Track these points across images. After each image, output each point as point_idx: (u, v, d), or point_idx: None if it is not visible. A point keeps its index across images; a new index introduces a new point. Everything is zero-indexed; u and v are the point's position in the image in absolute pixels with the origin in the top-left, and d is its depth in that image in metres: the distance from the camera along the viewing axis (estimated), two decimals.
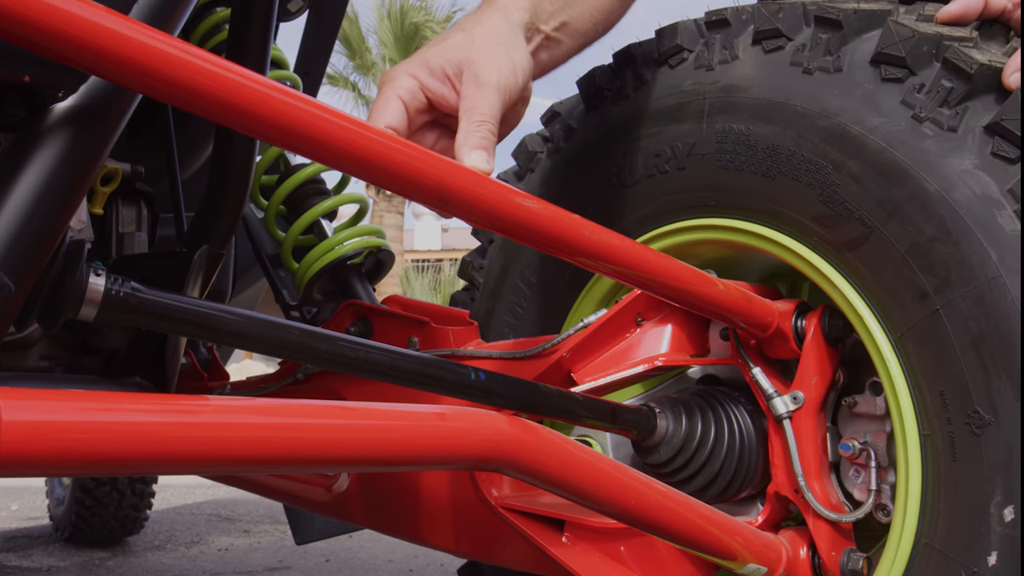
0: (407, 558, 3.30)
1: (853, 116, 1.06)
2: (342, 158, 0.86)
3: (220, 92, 0.75)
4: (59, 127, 0.77)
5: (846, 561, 1.10)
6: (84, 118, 0.78)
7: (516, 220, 0.95)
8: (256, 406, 0.71)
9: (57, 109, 0.77)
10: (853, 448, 1.10)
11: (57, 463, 0.56)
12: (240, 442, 0.65)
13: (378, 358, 0.96)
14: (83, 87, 0.78)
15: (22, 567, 3.22)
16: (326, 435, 0.73)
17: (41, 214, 0.75)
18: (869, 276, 1.05)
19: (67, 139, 0.77)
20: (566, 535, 1.27)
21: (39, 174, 0.75)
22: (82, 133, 0.78)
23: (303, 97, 0.81)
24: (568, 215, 1.01)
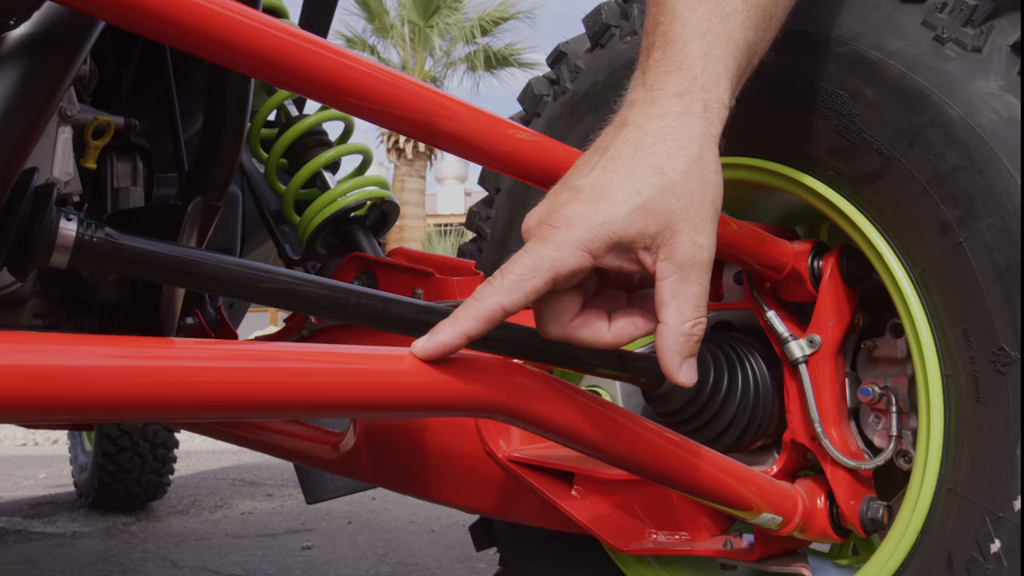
0: (429, 519, 3.29)
1: (871, 40, 1.00)
2: (317, 87, 0.81)
3: (183, 14, 0.70)
4: (11, 57, 0.72)
5: (865, 510, 1.05)
6: (39, 47, 0.73)
7: (507, 152, 0.90)
8: (229, 349, 0.67)
9: (9, 38, 0.73)
10: (873, 393, 1.05)
11: None
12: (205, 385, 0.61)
13: (369, 304, 0.92)
14: (37, 14, 0.74)
15: (46, 533, 3.24)
16: (309, 379, 0.70)
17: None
18: (888, 210, 0.99)
19: (20, 69, 0.72)
20: (576, 488, 1.23)
21: None
22: (37, 63, 0.74)
23: (274, 22, 0.76)
24: (563, 146, 0.96)
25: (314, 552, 2.85)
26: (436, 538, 3.01)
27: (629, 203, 0.70)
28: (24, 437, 6.61)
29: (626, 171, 0.72)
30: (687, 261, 0.71)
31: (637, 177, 0.71)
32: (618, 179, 0.72)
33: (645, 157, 0.72)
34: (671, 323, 0.72)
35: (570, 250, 0.70)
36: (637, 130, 0.74)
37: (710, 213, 0.74)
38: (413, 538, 3.02)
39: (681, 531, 1.18)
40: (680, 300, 0.71)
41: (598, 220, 0.70)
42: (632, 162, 0.72)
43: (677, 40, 0.77)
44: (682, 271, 0.71)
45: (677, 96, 0.75)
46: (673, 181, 0.72)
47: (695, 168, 0.73)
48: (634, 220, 0.70)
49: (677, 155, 0.73)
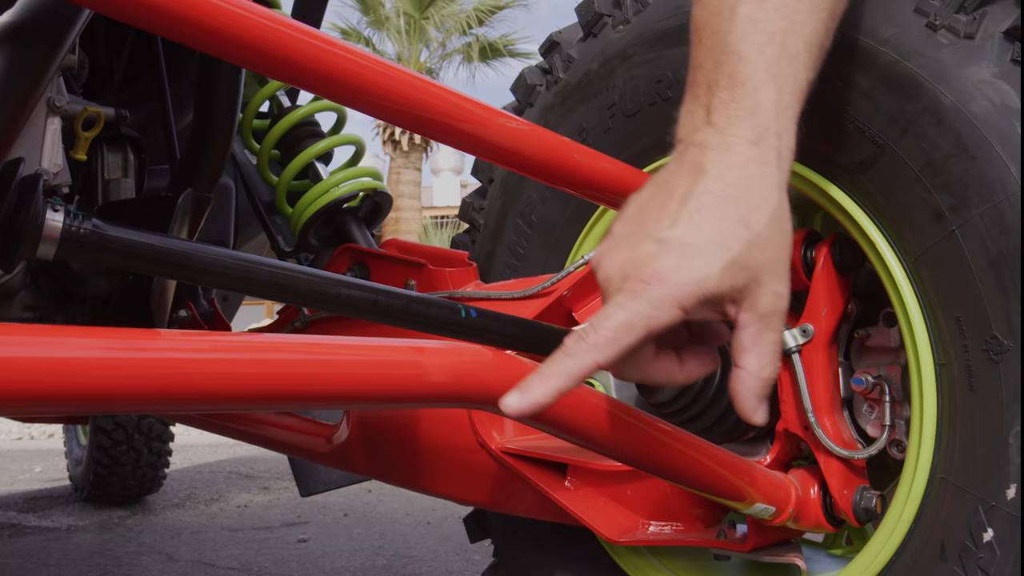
0: (425, 511, 3.29)
1: (863, 28, 0.99)
2: (310, 77, 0.81)
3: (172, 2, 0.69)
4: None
5: (859, 499, 1.05)
6: (22, 35, 0.73)
7: (499, 142, 0.89)
8: (214, 341, 0.66)
9: None
10: (866, 382, 1.04)
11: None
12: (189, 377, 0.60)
13: (360, 295, 0.91)
14: (20, 1, 0.73)
15: (41, 527, 3.23)
16: (298, 371, 0.69)
17: None
18: (881, 198, 0.99)
19: (6, 57, 0.72)
20: (569, 479, 1.23)
21: None
22: (20, 51, 0.73)
23: (265, 11, 0.76)
24: (557, 137, 0.95)
25: (310, 545, 2.85)
26: (432, 530, 3.01)
27: (721, 259, 0.70)
28: (20, 431, 6.60)
29: (714, 225, 0.71)
30: (769, 311, 0.72)
31: (726, 232, 0.71)
32: (708, 233, 0.71)
33: (731, 210, 0.72)
34: (751, 369, 0.72)
35: (665, 308, 0.69)
36: (718, 180, 0.73)
37: (788, 262, 0.74)
38: (409, 530, 3.02)
39: (675, 522, 1.18)
40: (761, 348, 0.72)
41: (692, 277, 0.70)
42: (719, 215, 0.71)
43: (747, 84, 0.76)
44: (764, 320, 0.72)
45: (752, 144, 0.74)
46: (759, 235, 0.71)
47: (776, 219, 0.73)
48: (725, 277, 0.70)
49: (760, 208, 0.72)
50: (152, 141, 1.70)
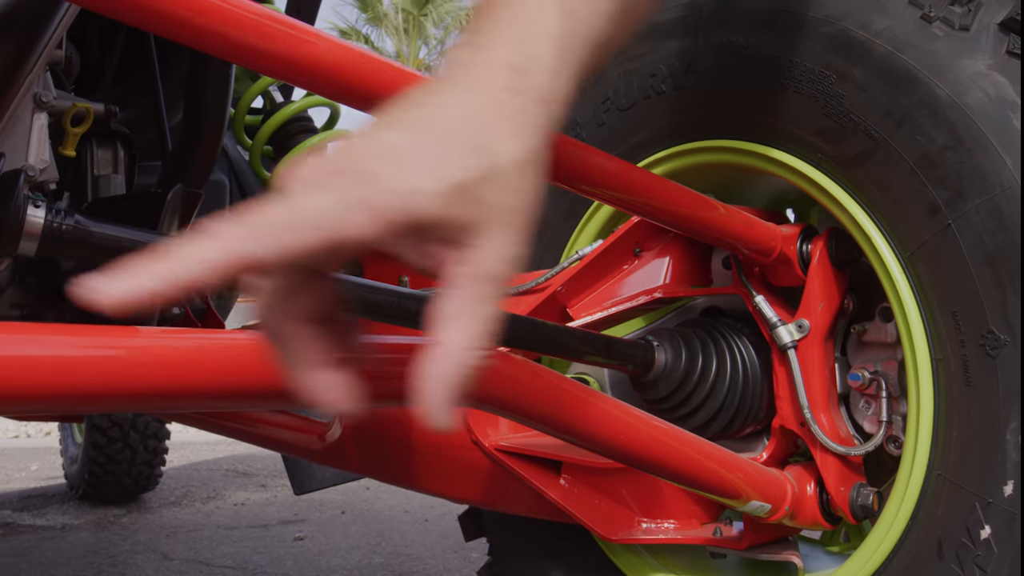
0: (423, 508, 3.28)
1: (858, 20, 0.98)
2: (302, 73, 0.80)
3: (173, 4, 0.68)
4: None
5: (856, 496, 1.04)
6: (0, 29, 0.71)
7: None
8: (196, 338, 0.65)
9: None
10: (863, 378, 1.04)
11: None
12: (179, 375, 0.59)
13: (350, 292, 0.90)
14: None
15: (36, 526, 3.22)
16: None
17: None
18: (876, 192, 0.98)
19: None
20: (564, 476, 1.22)
21: None
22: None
23: (256, 7, 0.75)
24: (558, 135, 0.94)
25: (306, 543, 2.84)
26: (430, 528, 3.00)
27: (445, 178, 0.54)
28: (16, 429, 6.59)
29: (449, 141, 0.56)
30: (492, 273, 0.55)
31: (461, 152, 0.56)
32: (437, 146, 0.56)
33: (472, 132, 0.57)
34: (452, 347, 0.54)
35: (362, 213, 0.52)
36: (466, 96, 0.59)
37: (525, 220, 0.58)
38: (406, 528, 3.01)
39: (670, 519, 1.17)
40: (471, 321, 0.55)
41: (406, 185, 0.54)
42: (457, 133, 0.57)
43: (528, 6, 0.64)
44: (483, 283, 0.55)
45: (516, 71, 0.61)
46: (499, 170, 0.56)
47: (525, 164, 0.58)
48: (447, 200, 0.54)
49: (508, 142, 0.58)
50: (145, 137, 1.69)
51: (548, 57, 0.62)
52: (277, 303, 0.56)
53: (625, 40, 0.73)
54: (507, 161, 0.57)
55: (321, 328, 0.57)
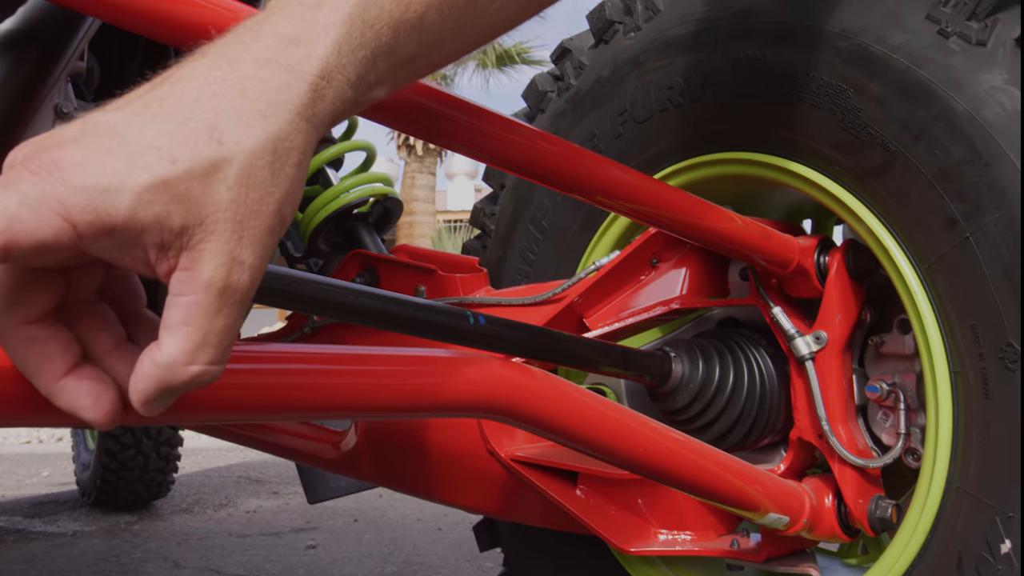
0: (436, 517, 3.28)
1: (874, 35, 0.99)
2: None
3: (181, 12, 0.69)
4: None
5: (874, 508, 1.04)
6: (24, 43, 0.72)
7: (510, 151, 0.89)
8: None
9: None
10: (881, 390, 1.04)
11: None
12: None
13: (368, 303, 0.91)
14: (22, 9, 0.72)
15: (47, 532, 3.23)
16: (304, 381, 0.68)
17: None
18: (894, 205, 0.98)
19: (5, 65, 0.71)
20: (580, 487, 1.22)
21: None
22: (22, 58, 0.72)
23: None
24: (572, 147, 0.95)
25: (319, 551, 2.85)
26: (443, 536, 3.00)
27: (152, 172, 0.46)
28: (28, 435, 6.61)
29: (170, 123, 0.47)
30: (217, 282, 0.47)
31: (181, 137, 0.47)
32: (153, 131, 0.47)
33: (205, 114, 0.48)
34: (165, 357, 0.47)
35: (42, 214, 0.44)
36: (212, 71, 0.50)
37: (270, 222, 0.50)
38: (419, 536, 3.01)
39: (687, 531, 1.17)
40: (191, 333, 0.47)
41: (100, 183, 0.45)
42: (183, 114, 0.48)
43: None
44: (209, 294, 0.47)
45: (290, 41, 0.52)
46: (231, 159, 0.48)
47: (269, 151, 0.49)
48: (151, 201, 0.46)
49: (250, 124, 0.49)
50: None
51: (335, 27, 0.53)
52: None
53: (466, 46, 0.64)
54: (240, 150, 0.48)
55: (71, 324, 0.49)
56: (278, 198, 0.50)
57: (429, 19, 0.58)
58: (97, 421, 0.49)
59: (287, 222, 0.52)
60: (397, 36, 0.56)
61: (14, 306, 0.47)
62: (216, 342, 0.48)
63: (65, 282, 0.49)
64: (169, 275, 0.48)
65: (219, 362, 0.48)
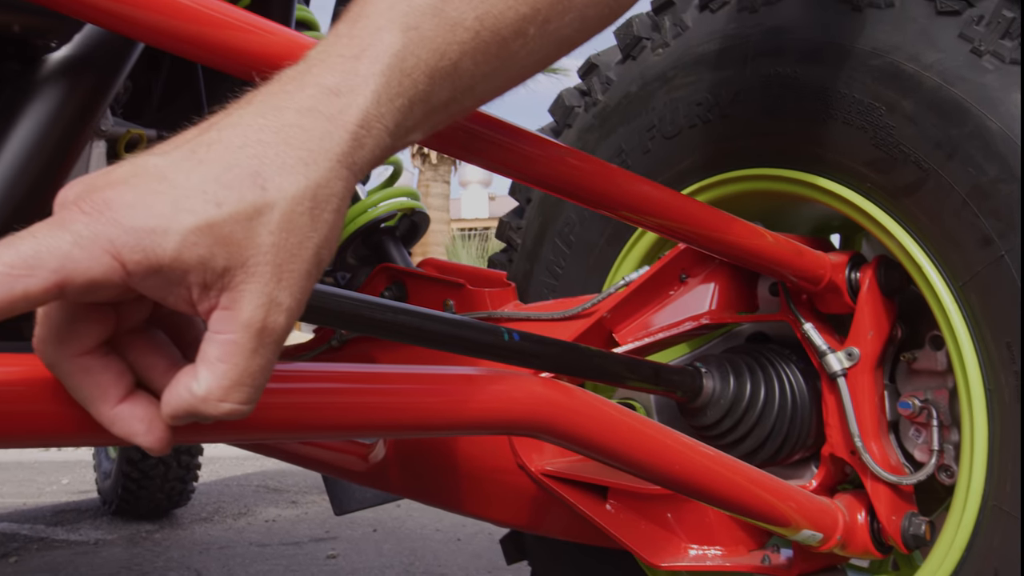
0: (455, 527, 3.28)
1: (907, 53, 1.00)
2: None
3: (229, 39, 0.70)
4: (53, 78, 0.73)
5: (907, 525, 1.04)
6: (79, 68, 0.74)
7: (538, 167, 0.89)
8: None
9: (51, 60, 0.73)
10: (913, 406, 1.04)
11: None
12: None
13: (405, 320, 0.92)
14: (77, 36, 0.74)
15: (69, 541, 3.25)
16: (335, 400, 0.69)
17: (34, 169, 0.71)
18: (927, 222, 0.98)
19: (61, 91, 0.73)
20: (610, 502, 1.22)
21: (32, 128, 0.71)
22: (77, 84, 0.74)
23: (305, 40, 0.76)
24: (604, 164, 0.95)
25: (339, 561, 2.85)
26: (462, 547, 3.00)
27: (198, 215, 0.48)
28: None
29: (216, 168, 0.49)
30: (256, 322, 0.49)
31: (226, 183, 0.49)
32: (200, 175, 0.49)
33: (250, 160, 0.50)
34: (201, 390, 0.49)
35: (94, 252, 0.46)
36: (258, 118, 0.51)
37: (308, 266, 0.51)
38: (439, 547, 3.01)
39: (717, 546, 1.18)
40: (228, 371, 0.49)
41: (148, 225, 0.47)
42: (229, 159, 0.50)
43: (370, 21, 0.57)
44: (247, 333, 0.49)
45: (331, 92, 0.53)
46: (273, 204, 0.50)
47: (310, 198, 0.51)
48: (196, 243, 0.48)
49: (292, 171, 0.51)
50: None
51: (375, 77, 0.55)
52: (50, 337, 0.49)
53: (496, 91, 0.65)
54: (281, 196, 0.50)
55: (125, 352, 0.51)
56: (316, 243, 0.51)
57: (463, 66, 0.60)
58: (151, 447, 0.51)
59: (324, 266, 0.53)
60: (433, 83, 0.58)
61: (68, 339, 0.49)
62: (251, 381, 0.49)
63: (115, 315, 0.50)
64: (210, 313, 0.49)
65: (251, 401, 0.50)
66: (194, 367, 0.49)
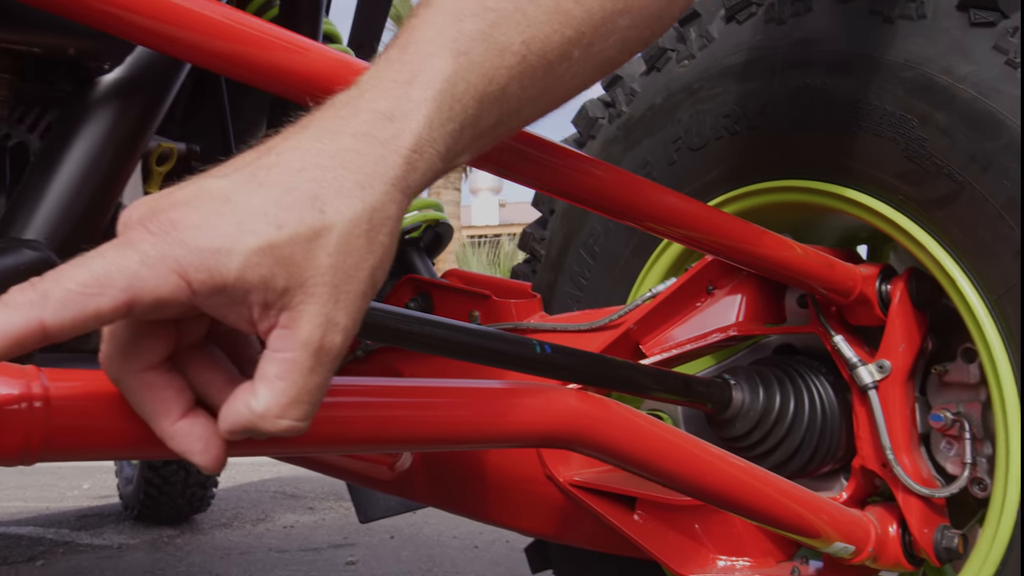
0: (472, 534, 3.28)
1: (940, 65, 0.99)
2: None
3: (273, 59, 0.71)
4: (105, 100, 0.74)
5: (940, 539, 1.04)
6: (131, 89, 0.75)
7: (575, 182, 0.90)
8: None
9: (103, 81, 0.75)
10: (945, 419, 1.04)
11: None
12: None
13: (437, 332, 0.92)
14: (129, 58, 0.75)
15: (94, 545, 3.27)
16: (382, 414, 0.70)
17: (88, 189, 0.72)
18: (961, 235, 0.98)
19: (114, 112, 0.74)
20: (638, 513, 1.22)
21: (86, 149, 0.72)
22: (129, 105, 0.75)
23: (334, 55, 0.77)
24: (630, 175, 0.96)
25: (359, 567, 2.86)
26: (480, 554, 3.01)
27: (260, 236, 0.49)
28: None
29: (276, 191, 0.51)
30: (314, 341, 0.50)
31: (286, 206, 0.50)
32: (261, 198, 0.50)
33: (308, 184, 0.51)
34: (260, 407, 0.50)
35: (161, 272, 0.47)
36: (315, 142, 0.53)
37: (364, 287, 0.53)
38: (457, 554, 3.02)
39: (745, 557, 1.18)
40: (286, 388, 0.50)
41: (213, 245, 0.48)
42: (288, 182, 0.51)
43: (420, 47, 0.58)
44: (305, 352, 0.50)
45: (385, 117, 0.55)
46: (331, 227, 0.51)
47: (366, 220, 0.52)
48: (259, 263, 0.49)
49: (350, 195, 0.52)
50: None
51: (427, 103, 0.56)
52: (115, 353, 0.50)
53: (540, 112, 0.67)
54: (339, 219, 0.51)
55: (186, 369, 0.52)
56: (372, 265, 0.53)
57: (511, 90, 0.61)
58: (206, 466, 0.52)
59: (378, 287, 0.54)
60: (481, 108, 0.59)
61: (133, 355, 0.50)
62: (308, 399, 0.51)
63: (177, 332, 0.52)
64: (269, 332, 0.51)
65: (308, 418, 0.51)
66: (252, 384, 0.50)
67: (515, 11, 0.61)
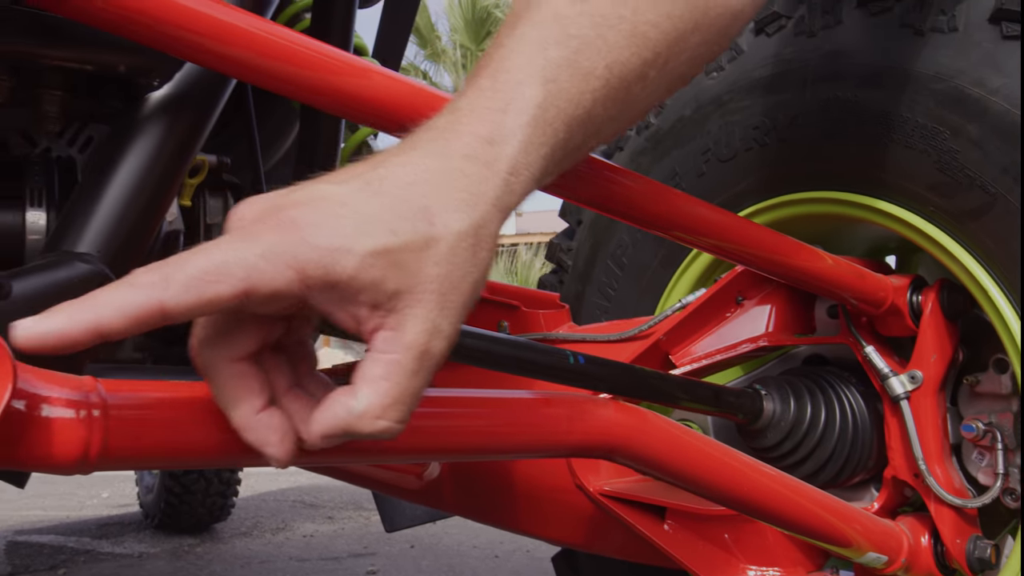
0: (492, 544, 3.29)
1: (972, 77, 1.00)
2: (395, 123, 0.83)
3: (315, 74, 0.72)
4: (154, 116, 0.75)
5: (972, 549, 1.04)
6: (179, 106, 0.77)
7: (604, 192, 0.91)
8: None
9: (152, 98, 0.76)
10: (977, 429, 1.04)
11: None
12: None
13: (471, 343, 0.93)
14: (178, 75, 0.77)
15: (115, 553, 3.29)
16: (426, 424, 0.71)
17: (139, 204, 0.73)
18: (993, 246, 0.99)
19: (163, 128, 0.76)
20: (668, 522, 1.23)
21: (136, 164, 0.74)
22: (177, 121, 0.77)
23: (401, 79, 0.78)
24: (660, 185, 0.97)
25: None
26: (501, 564, 3.01)
27: (377, 240, 0.52)
28: None
29: (390, 200, 0.54)
30: (419, 345, 0.53)
31: (400, 214, 0.53)
32: (376, 205, 0.53)
33: (419, 196, 0.55)
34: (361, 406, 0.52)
35: (279, 265, 0.50)
36: (425, 158, 0.57)
37: (466, 298, 0.55)
38: (477, 563, 3.02)
39: (775, 567, 1.18)
40: (389, 389, 0.52)
41: (331, 244, 0.51)
42: (402, 194, 0.54)
43: (511, 75, 0.61)
44: (410, 354, 0.52)
45: (486, 141, 0.58)
46: (440, 238, 0.54)
47: (472, 235, 0.55)
48: (373, 264, 0.52)
49: (457, 210, 0.55)
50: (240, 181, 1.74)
51: (522, 129, 0.59)
52: (210, 339, 0.53)
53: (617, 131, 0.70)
54: (448, 232, 0.54)
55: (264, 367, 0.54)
56: (475, 277, 0.56)
57: (595, 112, 0.64)
58: (279, 459, 0.54)
59: (476, 299, 0.57)
60: (570, 130, 0.62)
61: (228, 344, 0.53)
62: (408, 401, 0.53)
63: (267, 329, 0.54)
64: (373, 333, 0.53)
65: (404, 421, 0.53)
66: (349, 389, 0.52)
67: (596, 37, 0.64)
